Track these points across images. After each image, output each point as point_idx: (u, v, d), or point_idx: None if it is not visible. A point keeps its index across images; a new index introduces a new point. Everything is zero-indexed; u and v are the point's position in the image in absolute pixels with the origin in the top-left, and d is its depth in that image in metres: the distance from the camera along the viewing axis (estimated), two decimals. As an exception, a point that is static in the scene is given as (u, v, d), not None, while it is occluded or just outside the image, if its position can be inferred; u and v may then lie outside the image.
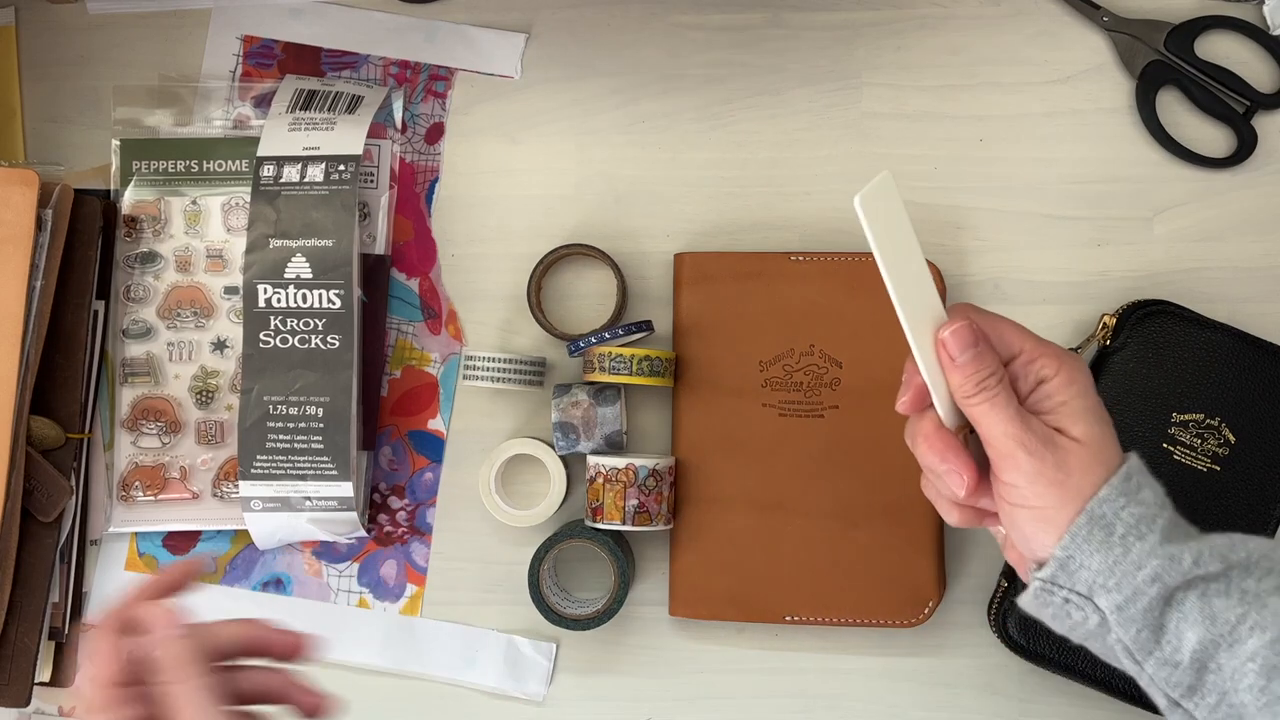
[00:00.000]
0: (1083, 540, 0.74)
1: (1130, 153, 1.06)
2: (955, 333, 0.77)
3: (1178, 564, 0.73)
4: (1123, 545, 0.73)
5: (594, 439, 1.02)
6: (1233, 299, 1.03)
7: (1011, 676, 1.02)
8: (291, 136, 1.06)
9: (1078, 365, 0.77)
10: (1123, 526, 0.74)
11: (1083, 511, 0.74)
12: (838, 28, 1.08)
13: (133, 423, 1.07)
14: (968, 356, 0.77)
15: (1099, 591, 0.74)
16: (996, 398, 0.76)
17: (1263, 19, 1.05)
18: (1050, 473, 0.75)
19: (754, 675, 1.03)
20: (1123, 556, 0.73)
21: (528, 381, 1.04)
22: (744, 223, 1.07)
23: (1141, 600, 0.73)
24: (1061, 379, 0.76)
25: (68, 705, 1.07)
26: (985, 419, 0.76)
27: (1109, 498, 0.74)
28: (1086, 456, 0.75)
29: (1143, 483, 0.76)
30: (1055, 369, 0.77)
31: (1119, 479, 0.75)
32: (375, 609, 1.06)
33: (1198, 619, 0.72)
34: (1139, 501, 0.74)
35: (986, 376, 0.76)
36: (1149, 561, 0.73)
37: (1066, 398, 0.76)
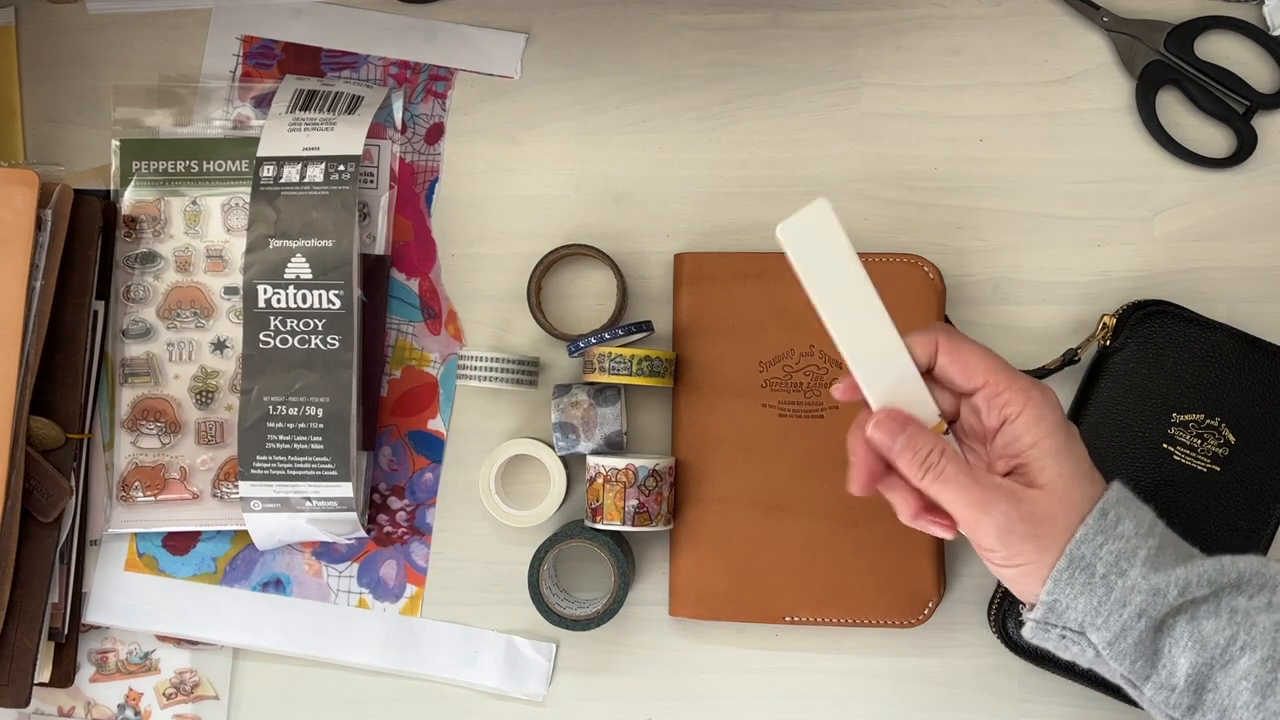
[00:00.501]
0: (1065, 584, 0.75)
1: (1130, 153, 1.06)
2: (878, 425, 0.78)
3: (1162, 596, 0.74)
4: (1105, 585, 0.74)
5: (594, 439, 1.02)
6: (1233, 299, 1.03)
7: (1011, 676, 1.02)
8: (291, 137, 1.06)
9: (1044, 400, 0.77)
10: (1103, 566, 0.74)
11: (1062, 555, 0.75)
12: (838, 28, 1.08)
13: (133, 423, 1.07)
14: (900, 444, 0.78)
15: (1089, 629, 0.75)
16: (944, 473, 0.77)
17: (1263, 19, 1.05)
18: (1019, 527, 0.75)
19: (754, 675, 1.03)
20: (1106, 596, 0.74)
21: (520, 381, 1.04)
22: (744, 223, 1.07)
23: (1131, 635, 0.74)
24: (1027, 417, 0.77)
25: (67, 705, 1.07)
26: (941, 494, 0.77)
27: (1086, 538, 0.75)
28: (1052, 504, 0.75)
29: (1122, 515, 0.76)
30: (1021, 405, 0.77)
31: (1094, 517, 0.75)
32: (375, 609, 1.06)
33: (1189, 643, 0.73)
34: (1117, 537, 0.75)
35: (926, 456, 0.77)
36: (1132, 598, 0.74)
37: (1035, 438, 0.76)
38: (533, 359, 1.05)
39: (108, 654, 1.07)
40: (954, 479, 0.76)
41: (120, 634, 1.07)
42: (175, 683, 1.06)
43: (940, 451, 0.77)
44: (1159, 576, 0.74)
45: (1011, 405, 0.77)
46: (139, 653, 1.07)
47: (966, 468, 0.77)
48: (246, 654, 1.07)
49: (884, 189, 1.06)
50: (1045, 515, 0.75)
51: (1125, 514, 0.76)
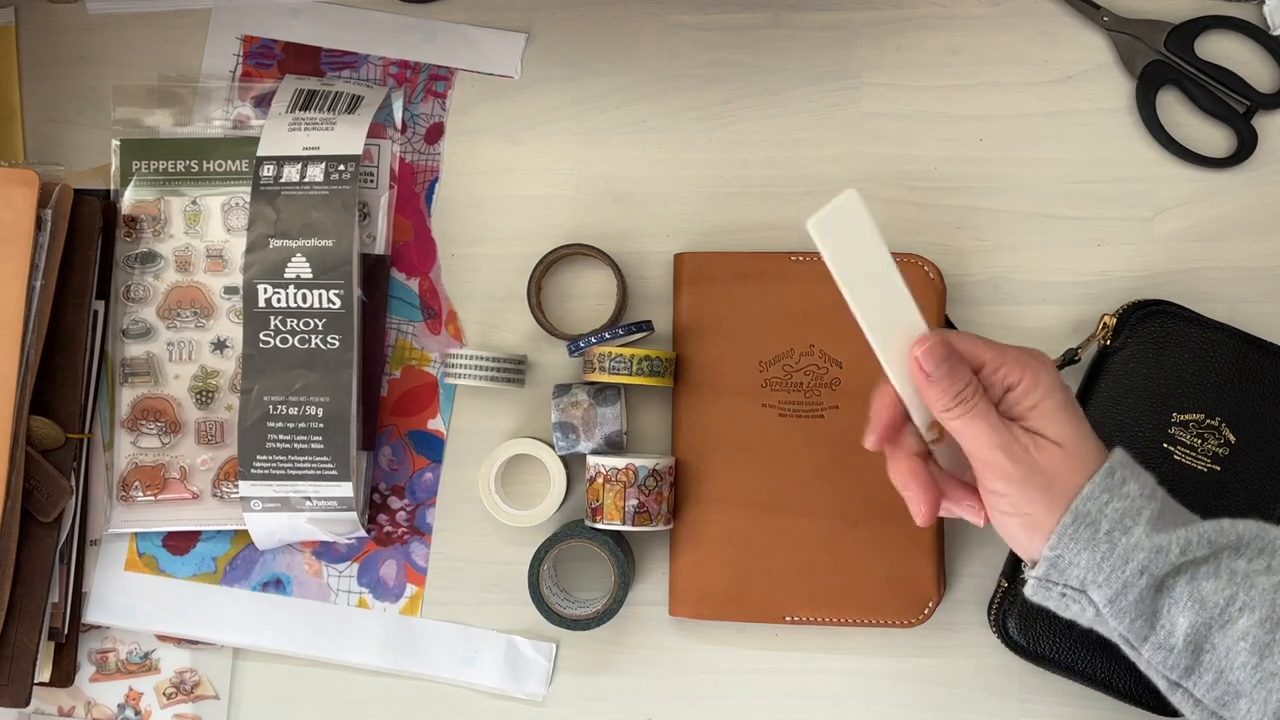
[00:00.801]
0: (1069, 539, 0.75)
1: (1130, 153, 1.06)
2: (928, 350, 0.79)
3: (1164, 555, 0.74)
4: (1108, 541, 0.75)
5: (594, 439, 1.02)
6: (1233, 299, 1.03)
7: (1011, 676, 1.02)
8: (291, 136, 1.06)
9: (1041, 365, 0.79)
10: (1108, 522, 0.75)
11: (1068, 510, 0.75)
12: (838, 28, 1.08)
13: (133, 423, 1.07)
14: (942, 371, 0.78)
15: (1090, 586, 0.76)
16: (974, 409, 0.78)
17: (1263, 19, 1.05)
18: (1035, 476, 0.76)
19: (754, 675, 1.04)
20: (1109, 552, 0.75)
21: (507, 379, 1.04)
22: (744, 223, 1.07)
23: (1131, 592, 0.75)
24: (1027, 382, 0.78)
25: (67, 705, 1.07)
26: (966, 430, 0.78)
27: (1092, 495, 0.75)
28: (1066, 457, 0.77)
29: (1127, 476, 0.77)
30: (1019, 373, 0.78)
31: (1102, 475, 0.76)
32: (375, 609, 1.06)
33: (1188, 603, 0.74)
34: (1123, 496, 0.76)
35: (962, 388, 0.78)
36: (1135, 555, 0.75)
37: (1035, 400, 0.78)
38: (520, 357, 1.05)
39: (108, 654, 1.07)
40: (983, 416, 0.77)
41: (120, 634, 1.07)
42: (175, 682, 1.06)
43: (975, 389, 0.78)
44: (1162, 536, 0.75)
45: (1011, 374, 0.78)
46: (139, 652, 1.07)
47: (995, 410, 0.78)
48: (246, 654, 1.07)
49: (884, 189, 1.06)
50: (1060, 468, 0.76)
51: (1130, 475, 0.77)
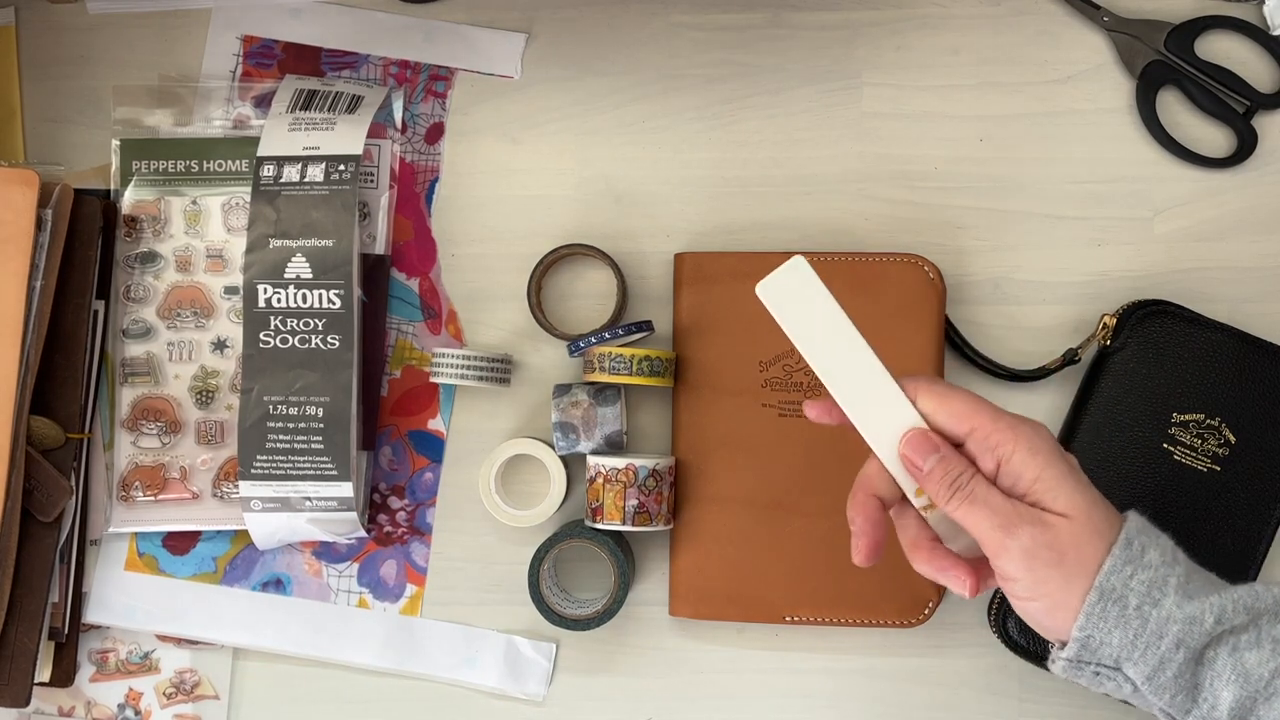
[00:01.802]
0: (1098, 618, 0.72)
1: (1130, 153, 1.05)
2: (914, 445, 0.77)
3: (1200, 625, 0.71)
4: (1139, 616, 0.72)
5: (594, 439, 1.01)
6: (1233, 299, 1.03)
7: (1011, 676, 1.02)
8: (291, 136, 1.06)
9: (1036, 433, 0.76)
10: (1135, 597, 0.72)
11: (1092, 588, 0.72)
12: (838, 27, 1.08)
13: (133, 423, 1.07)
14: (933, 463, 0.76)
15: (1125, 663, 0.73)
16: (973, 494, 0.75)
17: (1263, 19, 1.05)
18: (1044, 554, 0.73)
19: (754, 675, 1.04)
20: (1142, 629, 0.72)
21: (492, 378, 1.04)
22: (744, 223, 1.07)
23: (1170, 667, 0.72)
24: (1022, 453, 0.75)
25: (67, 705, 1.07)
26: (968, 517, 0.75)
27: (1115, 569, 0.72)
28: (1077, 530, 0.73)
29: (1146, 544, 0.74)
30: (1012, 443, 0.75)
31: (1120, 547, 0.73)
32: (375, 609, 1.06)
33: (1231, 677, 0.71)
34: (1145, 565, 0.73)
35: (957, 475, 0.76)
36: (1169, 629, 0.72)
37: (1036, 471, 0.75)
38: (504, 356, 1.05)
39: (108, 654, 1.07)
40: (983, 500, 0.75)
41: (120, 634, 1.07)
42: (175, 682, 1.06)
43: (970, 474, 0.75)
44: (1193, 605, 0.72)
45: (1003, 445, 0.75)
46: (139, 652, 1.07)
47: (996, 490, 0.75)
48: (246, 654, 1.07)
49: (884, 189, 1.06)
50: (1070, 542, 0.73)
51: (1149, 542, 0.74)
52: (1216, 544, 0.98)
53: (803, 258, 0.80)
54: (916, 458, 0.77)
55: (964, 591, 0.77)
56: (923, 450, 0.77)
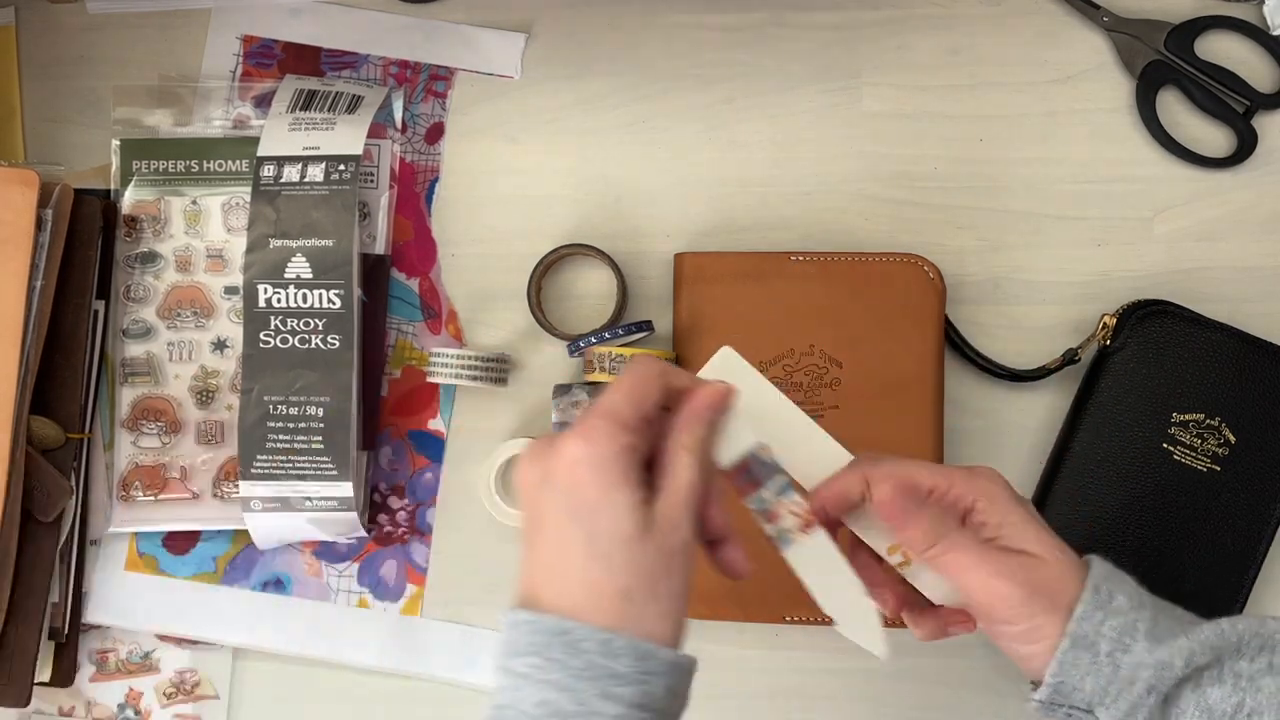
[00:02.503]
0: (1070, 665, 0.73)
1: (1130, 153, 1.06)
2: (888, 499, 0.76)
3: (1169, 669, 0.72)
4: (1111, 663, 0.72)
5: (594, 439, 1.01)
6: (1233, 299, 1.03)
7: (1011, 676, 1.01)
8: (291, 136, 1.06)
9: (992, 481, 0.76)
10: (1107, 644, 0.73)
11: (1064, 635, 0.73)
12: (838, 27, 1.08)
13: (133, 423, 1.07)
14: (909, 513, 0.76)
15: (1098, 708, 0.73)
16: (956, 543, 0.75)
17: (1263, 19, 1.05)
18: (1038, 598, 0.73)
19: (754, 675, 1.04)
20: (1114, 675, 0.73)
21: (489, 378, 1.04)
22: (744, 223, 1.07)
23: (1141, 712, 0.72)
24: (983, 501, 0.75)
25: (67, 705, 1.07)
26: (953, 565, 0.75)
27: (1086, 615, 0.73)
28: (1056, 567, 0.74)
29: (1113, 589, 0.74)
30: (972, 493, 0.76)
31: (1089, 593, 0.73)
32: (375, 609, 1.06)
33: (1195, 714, 0.72)
34: (1115, 612, 0.73)
35: (938, 525, 0.76)
36: (1140, 674, 0.72)
37: (1000, 516, 0.75)
38: (501, 356, 1.05)
39: (108, 653, 1.07)
40: (969, 547, 0.74)
41: (120, 633, 1.07)
42: (175, 682, 1.06)
43: (947, 522, 0.76)
44: (1163, 649, 0.72)
45: (963, 498, 0.76)
46: (139, 652, 1.07)
47: (977, 538, 0.75)
48: (246, 654, 1.07)
49: (884, 189, 1.06)
50: (1054, 581, 0.73)
51: (1116, 588, 0.74)
52: (1216, 544, 0.98)
53: (729, 348, 0.80)
54: (894, 509, 0.77)
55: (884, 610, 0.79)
56: (898, 501, 0.76)
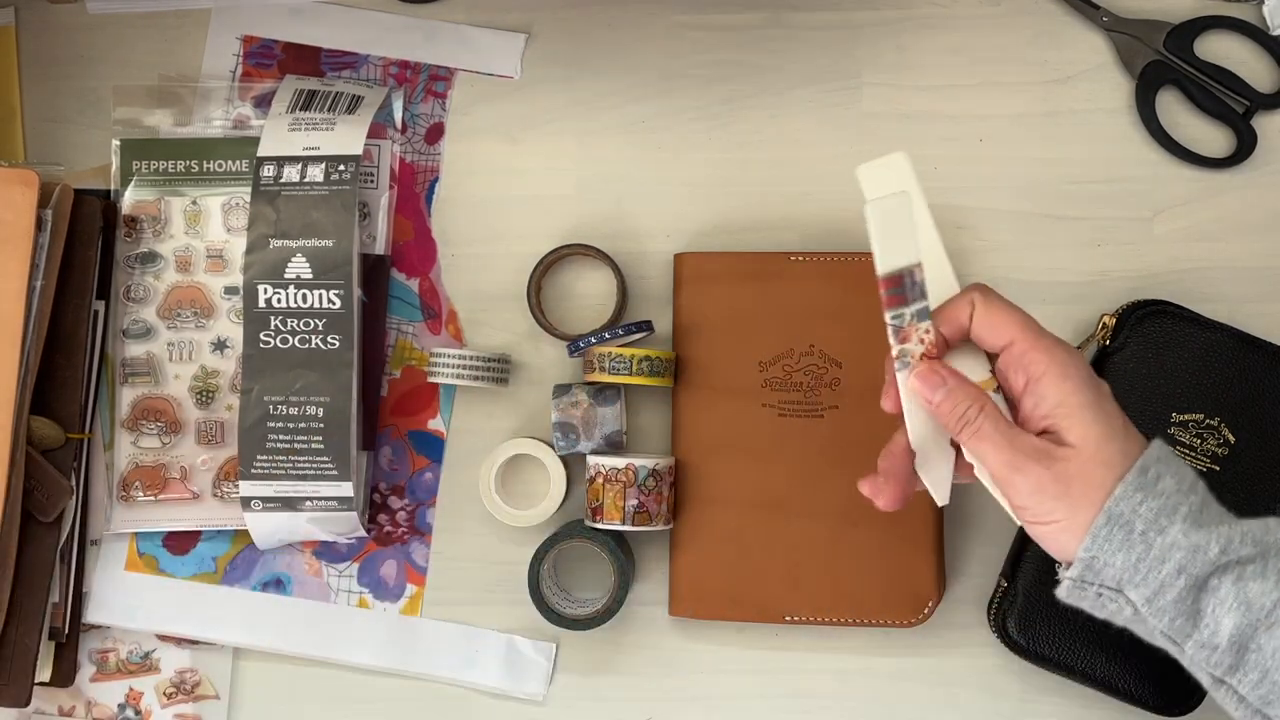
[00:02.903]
0: (1104, 540, 0.74)
1: (1130, 153, 1.06)
2: (921, 377, 0.79)
3: (1203, 553, 0.73)
4: (1144, 541, 0.73)
5: (594, 439, 1.02)
6: (1233, 299, 1.03)
7: (1011, 676, 1.02)
8: (291, 137, 1.06)
9: (1070, 359, 0.77)
10: (1142, 523, 0.73)
11: (1100, 512, 0.74)
12: (838, 28, 1.08)
13: (133, 423, 1.07)
14: (940, 396, 0.78)
15: (1127, 586, 0.74)
16: (980, 429, 0.77)
17: (1263, 19, 1.05)
18: (1050, 487, 0.75)
19: (754, 675, 1.03)
20: (1145, 553, 0.73)
21: (490, 378, 1.04)
22: (744, 223, 1.07)
23: (1170, 592, 0.73)
24: (1052, 374, 0.76)
25: (67, 705, 1.07)
26: (975, 450, 0.77)
27: (1125, 495, 0.74)
28: (1084, 462, 0.75)
29: (1163, 472, 0.75)
30: (1045, 365, 0.76)
31: (1134, 474, 0.74)
32: (375, 609, 1.06)
33: (1234, 604, 0.72)
34: (1157, 494, 0.74)
35: (965, 410, 0.77)
36: (1172, 554, 0.73)
37: (1060, 397, 0.76)
38: (502, 356, 1.05)
39: (108, 653, 1.07)
40: (989, 436, 0.76)
41: (120, 633, 1.07)
42: (175, 682, 1.06)
43: (979, 408, 0.77)
44: (1200, 534, 0.73)
45: (1036, 364, 0.76)
46: (139, 652, 1.07)
47: (1004, 425, 0.77)
48: (247, 654, 1.07)
49: (884, 189, 1.06)
50: (1077, 474, 0.74)
51: (1166, 471, 0.75)
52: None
53: (905, 156, 0.82)
54: (926, 390, 0.78)
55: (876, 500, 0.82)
56: (931, 383, 0.78)
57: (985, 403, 0.77)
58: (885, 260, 0.77)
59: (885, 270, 0.77)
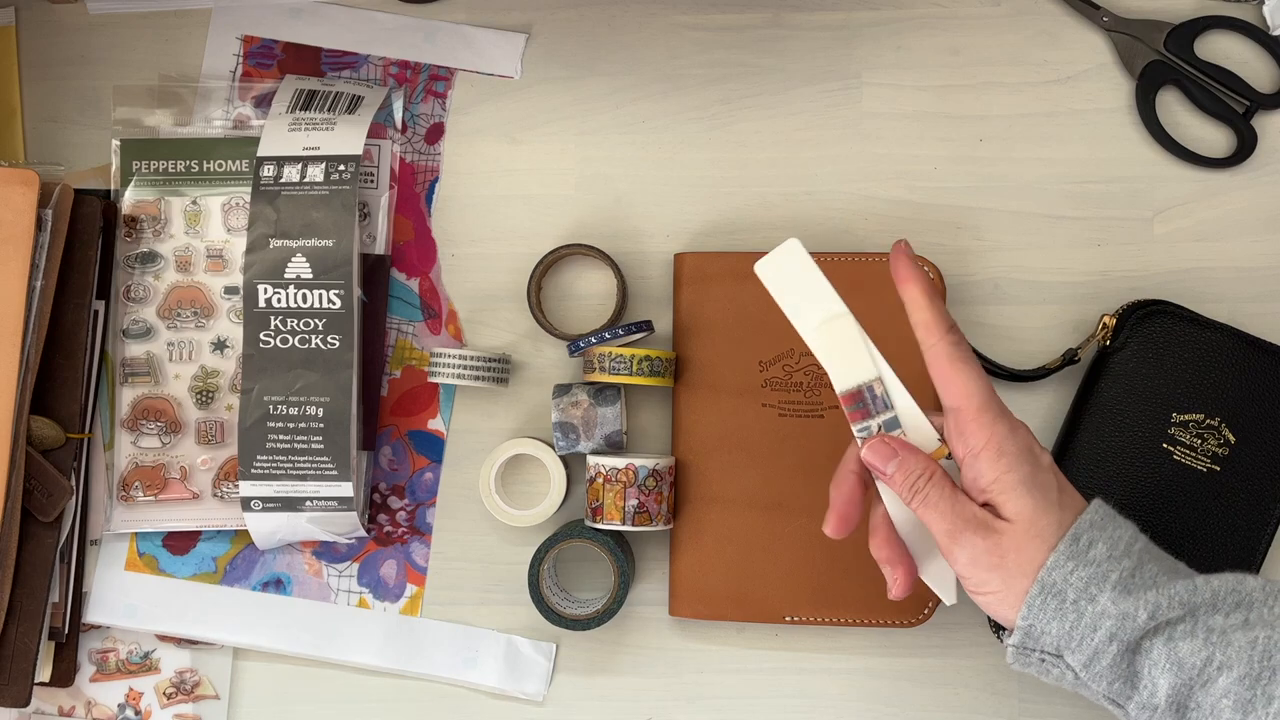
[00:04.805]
0: (1039, 609, 0.76)
1: (1130, 153, 1.06)
2: (871, 449, 0.82)
3: (1132, 620, 0.75)
4: (1075, 610, 0.75)
5: (594, 439, 1.02)
6: (1233, 299, 1.03)
7: (1011, 676, 1.02)
8: (291, 137, 1.06)
9: (1010, 434, 0.79)
10: (1073, 591, 0.76)
11: (1035, 582, 0.76)
12: (838, 28, 1.08)
13: (133, 423, 1.07)
14: (893, 467, 0.81)
15: (1065, 651, 0.76)
16: (928, 498, 0.80)
17: (1263, 19, 1.05)
18: (985, 558, 0.78)
19: (754, 675, 1.04)
20: (1077, 621, 0.75)
21: (490, 379, 1.04)
22: (744, 223, 1.07)
23: (1105, 658, 0.75)
24: (989, 452, 0.79)
25: (67, 705, 1.07)
26: (924, 518, 0.80)
27: (1057, 564, 0.76)
28: (1018, 536, 0.77)
29: (1095, 538, 0.77)
30: (983, 441, 0.79)
31: (1066, 543, 0.77)
32: (375, 609, 1.06)
33: (1166, 665, 0.74)
34: (1088, 562, 0.76)
35: (915, 479, 0.80)
36: (1103, 622, 0.75)
37: (996, 473, 0.78)
38: (502, 356, 1.05)
39: (108, 654, 1.07)
40: (935, 504, 0.79)
41: (120, 634, 1.07)
42: (175, 682, 1.06)
43: (928, 476, 0.80)
44: (1129, 600, 0.75)
45: (975, 438, 0.79)
46: (139, 652, 1.07)
47: (949, 493, 0.80)
48: (246, 654, 1.07)
49: (884, 189, 1.06)
50: (1011, 547, 0.77)
51: (1099, 536, 0.77)
52: (1216, 544, 0.98)
53: (796, 240, 0.85)
54: (878, 462, 0.82)
55: (890, 589, 0.84)
56: (883, 456, 0.82)
57: (934, 471, 0.80)
58: (840, 379, 0.83)
59: (842, 389, 0.83)
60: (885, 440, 0.82)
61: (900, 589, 0.84)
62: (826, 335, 0.83)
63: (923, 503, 0.80)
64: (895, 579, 0.83)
